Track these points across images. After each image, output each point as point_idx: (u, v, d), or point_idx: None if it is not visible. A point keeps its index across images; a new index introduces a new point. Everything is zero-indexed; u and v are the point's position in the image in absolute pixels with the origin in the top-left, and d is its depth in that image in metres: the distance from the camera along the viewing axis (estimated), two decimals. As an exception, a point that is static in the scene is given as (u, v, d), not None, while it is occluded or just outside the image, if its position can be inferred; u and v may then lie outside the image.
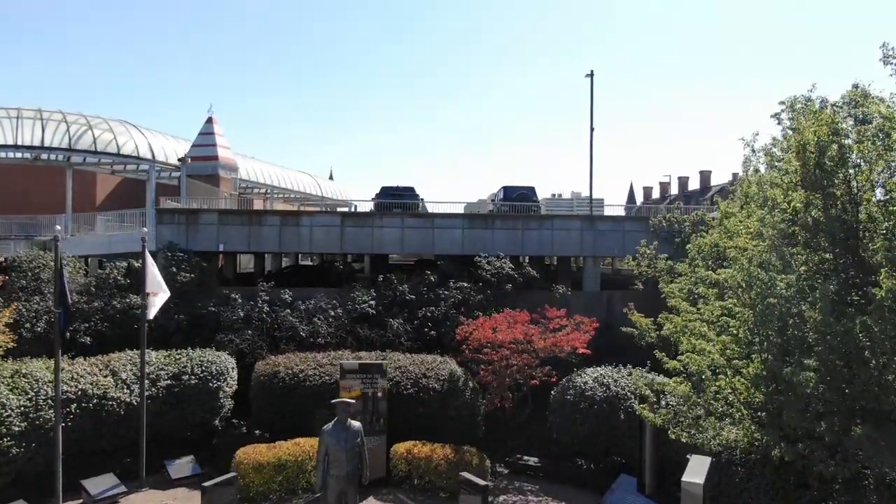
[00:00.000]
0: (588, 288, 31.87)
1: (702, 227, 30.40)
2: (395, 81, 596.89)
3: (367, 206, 32.49)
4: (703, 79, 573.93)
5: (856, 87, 19.66)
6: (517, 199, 32.92)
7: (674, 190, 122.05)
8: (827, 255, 16.22)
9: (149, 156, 45.29)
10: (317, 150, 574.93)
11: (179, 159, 35.65)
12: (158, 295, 19.77)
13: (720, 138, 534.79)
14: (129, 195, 51.26)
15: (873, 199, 16.01)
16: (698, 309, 22.53)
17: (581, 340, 23.34)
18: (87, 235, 35.79)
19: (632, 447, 19.72)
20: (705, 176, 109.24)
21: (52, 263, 27.96)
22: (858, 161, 15.53)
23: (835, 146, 15.30)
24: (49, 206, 45.99)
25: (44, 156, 42.57)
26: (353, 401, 16.15)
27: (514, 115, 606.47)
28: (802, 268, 16.32)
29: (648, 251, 29.47)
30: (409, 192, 33.19)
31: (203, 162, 44.27)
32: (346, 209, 31.47)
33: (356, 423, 15.08)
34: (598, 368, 22.74)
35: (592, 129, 40.52)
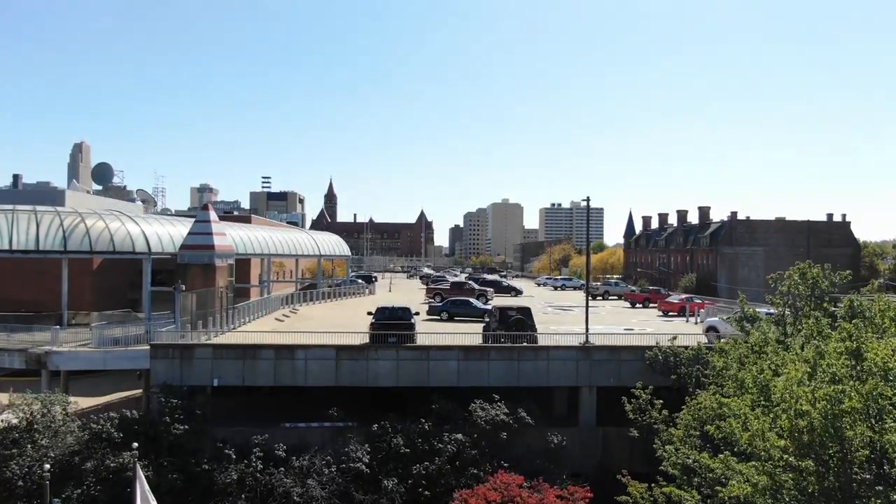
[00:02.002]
0: (585, 419, 31.77)
1: (697, 367, 30.28)
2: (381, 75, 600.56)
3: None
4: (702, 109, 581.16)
5: (853, 349, 19.00)
6: (514, 324, 32.79)
7: (672, 220, 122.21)
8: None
9: (142, 243, 45.09)
10: (316, 159, 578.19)
11: (173, 287, 35.36)
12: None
13: (720, 170, 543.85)
14: (123, 266, 51.49)
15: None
16: (693, 496, 22.57)
17: (576, 524, 23.32)
18: (82, 351, 35.59)
19: None
20: (704, 211, 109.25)
21: (45, 413, 27.97)
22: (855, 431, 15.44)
23: (832, 428, 15.20)
24: (46, 287, 46.14)
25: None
26: None
27: (513, 126, 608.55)
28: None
29: (644, 395, 29.43)
30: (404, 317, 33.01)
31: (199, 251, 44.01)
32: (341, 343, 31.15)
33: None
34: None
35: (589, 253, 40.63)
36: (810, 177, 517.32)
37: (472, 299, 50.87)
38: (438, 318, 48.34)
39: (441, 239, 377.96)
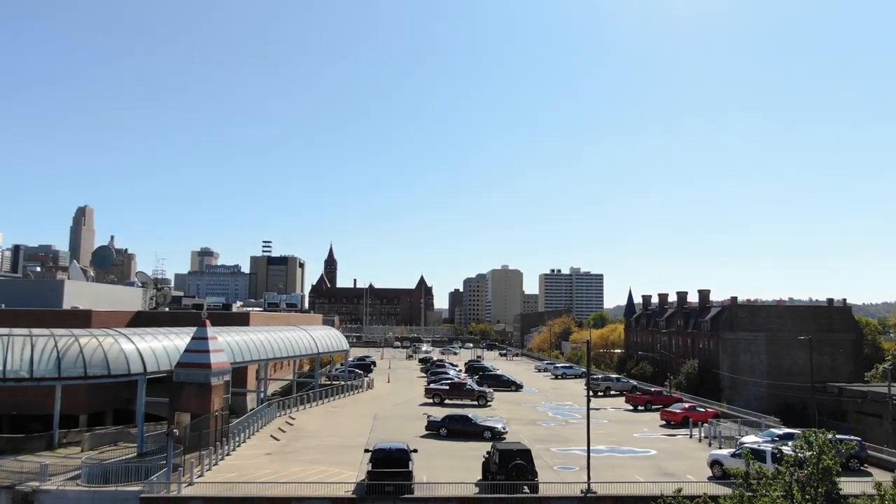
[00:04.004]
0: (586, 575, 30.68)
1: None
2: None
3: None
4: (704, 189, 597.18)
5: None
6: (514, 470, 31.99)
7: (672, 298, 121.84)
8: None
9: (137, 360, 44.39)
10: (317, 224, 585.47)
11: (167, 433, 34.71)
12: None
13: (720, 255, 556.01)
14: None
15: None
16: None
17: None
18: (70, 490, 34.65)
19: None
20: (704, 295, 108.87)
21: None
22: None
23: None
24: (42, 389, 45.22)
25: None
26: None
27: (514, 195, 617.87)
28: None
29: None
30: (402, 459, 32.22)
31: (195, 370, 43.52)
32: (336, 496, 30.36)
33: None
34: None
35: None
36: (808, 248, 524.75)
37: (470, 414, 50.38)
38: (437, 433, 47.69)
39: (441, 302, 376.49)
